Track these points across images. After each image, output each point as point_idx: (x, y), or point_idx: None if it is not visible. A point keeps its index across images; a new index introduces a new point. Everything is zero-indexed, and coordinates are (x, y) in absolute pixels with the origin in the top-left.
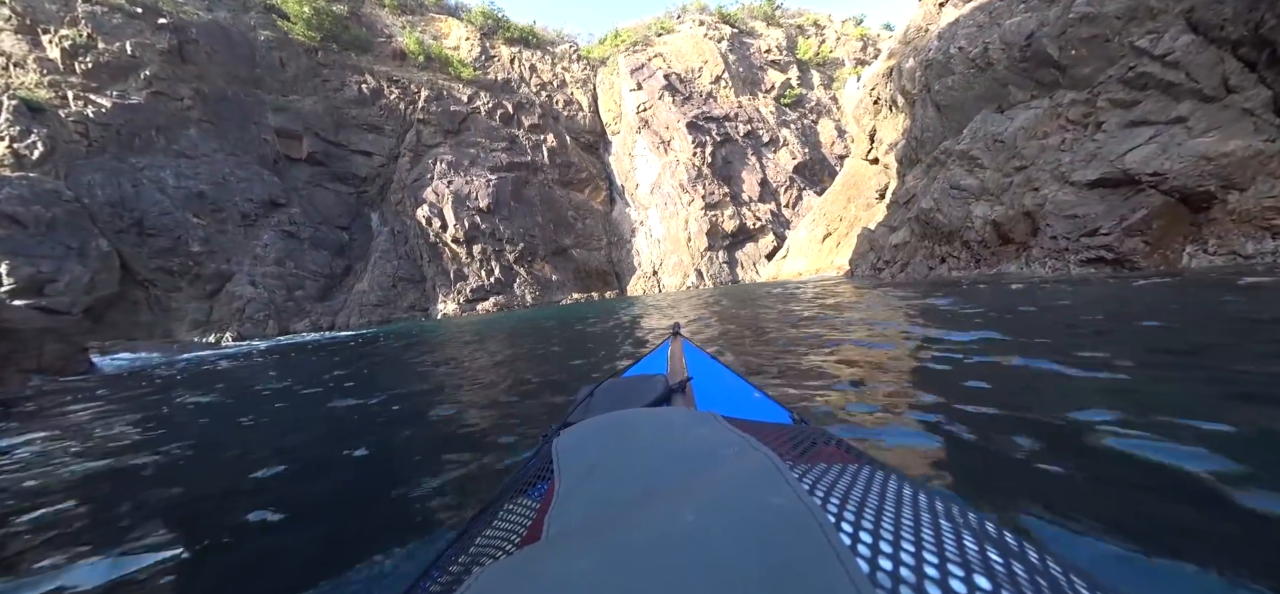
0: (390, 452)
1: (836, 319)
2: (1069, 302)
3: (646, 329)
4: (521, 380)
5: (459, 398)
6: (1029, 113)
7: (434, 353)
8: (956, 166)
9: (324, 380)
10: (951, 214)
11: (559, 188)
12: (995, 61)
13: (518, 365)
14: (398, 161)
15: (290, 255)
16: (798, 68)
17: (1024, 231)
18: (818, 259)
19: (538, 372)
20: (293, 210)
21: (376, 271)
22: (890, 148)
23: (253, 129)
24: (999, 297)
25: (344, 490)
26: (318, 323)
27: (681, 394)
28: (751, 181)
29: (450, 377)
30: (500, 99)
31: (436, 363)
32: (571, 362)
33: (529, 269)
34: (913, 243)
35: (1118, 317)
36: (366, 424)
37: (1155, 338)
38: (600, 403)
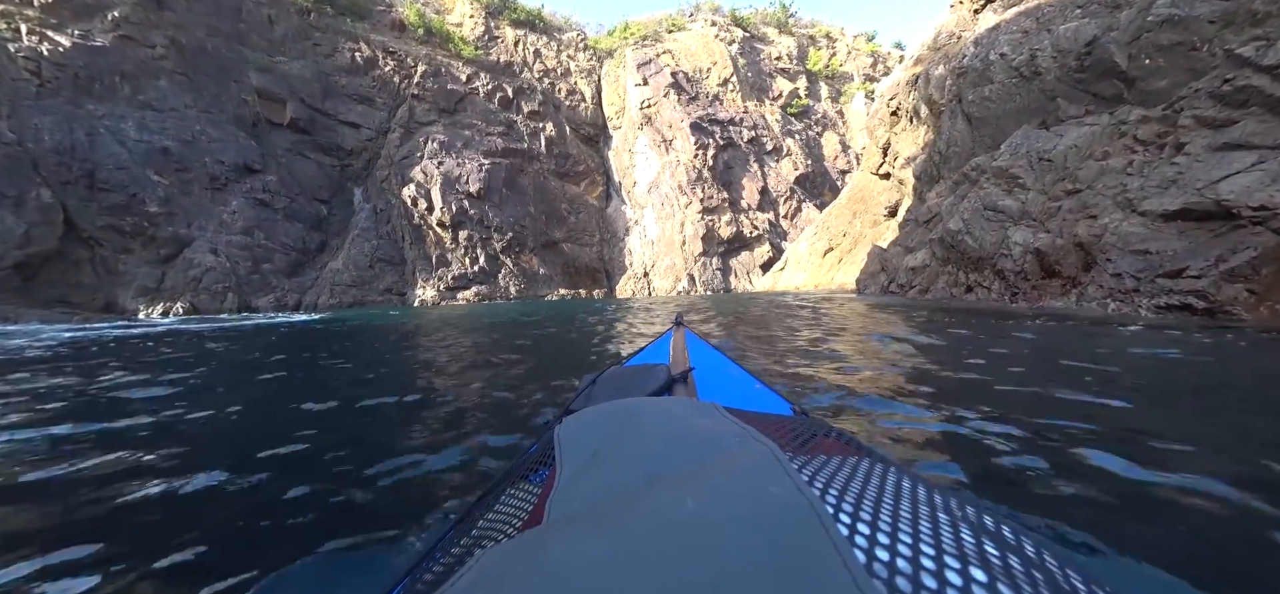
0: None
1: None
2: (1179, 355)
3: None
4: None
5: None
6: (1083, 130)
7: (395, 352)
8: (992, 185)
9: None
10: (984, 238)
11: (554, 178)
12: (1043, 71)
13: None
14: (387, 137)
15: (261, 225)
16: (807, 78)
17: (1074, 264)
18: (818, 274)
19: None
20: (268, 177)
21: (354, 249)
22: (907, 162)
23: (232, 87)
24: (1075, 343)
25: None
26: (283, 300)
27: (683, 384)
28: (752, 189)
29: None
30: (500, 81)
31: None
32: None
33: (516, 260)
34: (933, 266)
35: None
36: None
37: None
38: (603, 391)
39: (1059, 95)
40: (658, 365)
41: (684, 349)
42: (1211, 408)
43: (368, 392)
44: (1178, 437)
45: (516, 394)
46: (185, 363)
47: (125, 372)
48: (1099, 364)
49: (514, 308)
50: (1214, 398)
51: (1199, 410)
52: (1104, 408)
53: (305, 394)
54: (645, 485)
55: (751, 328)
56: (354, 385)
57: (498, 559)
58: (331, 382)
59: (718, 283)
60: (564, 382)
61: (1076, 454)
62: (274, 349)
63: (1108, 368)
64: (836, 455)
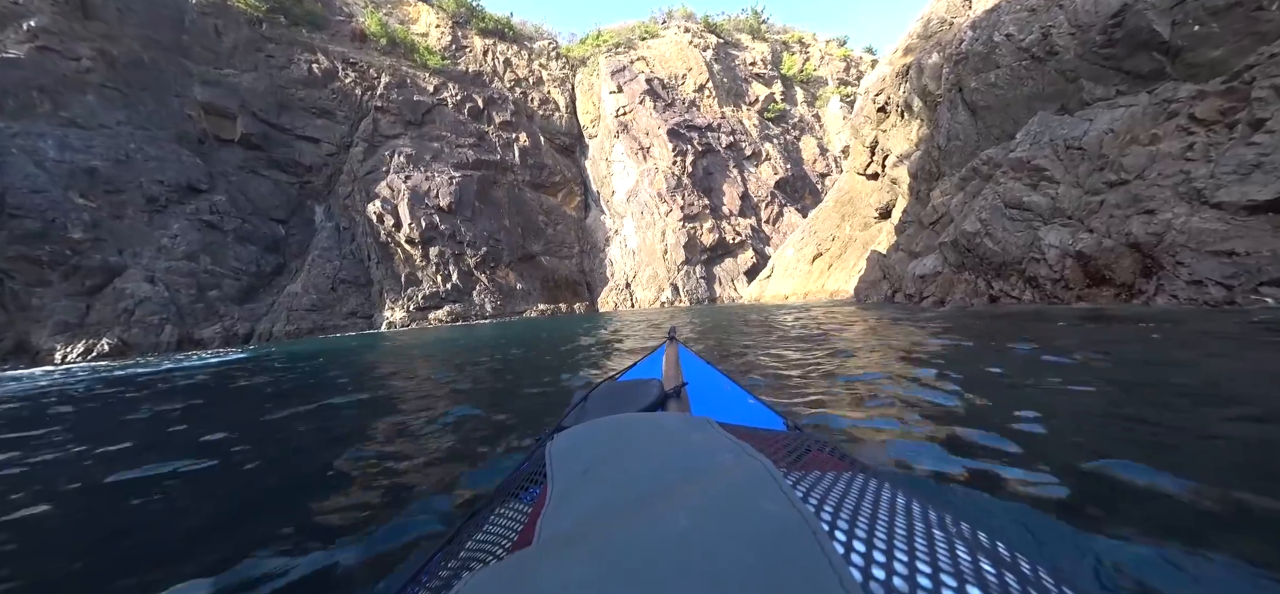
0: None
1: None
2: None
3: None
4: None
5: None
6: (1117, 113)
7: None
8: (1011, 181)
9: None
10: (1008, 240)
11: (530, 190)
12: (1060, 49)
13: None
14: (350, 151)
15: (208, 249)
16: (782, 83)
17: (1130, 269)
18: (806, 282)
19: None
20: (216, 197)
21: (314, 271)
22: (899, 160)
23: (173, 102)
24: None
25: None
26: (232, 329)
27: (676, 399)
28: (732, 194)
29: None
30: (470, 92)
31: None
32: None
33: (491, 276)
34: (947, 273)
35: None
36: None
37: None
38: (595, 407)
39: (1081, 75)
40: (651, 381)
41: (677, 364)
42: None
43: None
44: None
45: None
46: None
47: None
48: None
49: (490, 330)
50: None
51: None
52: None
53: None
54: (638, 503)
55: (763, 356)
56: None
57: (486, 583)
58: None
59: (702, 292)
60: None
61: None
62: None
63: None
64: (831, 471)
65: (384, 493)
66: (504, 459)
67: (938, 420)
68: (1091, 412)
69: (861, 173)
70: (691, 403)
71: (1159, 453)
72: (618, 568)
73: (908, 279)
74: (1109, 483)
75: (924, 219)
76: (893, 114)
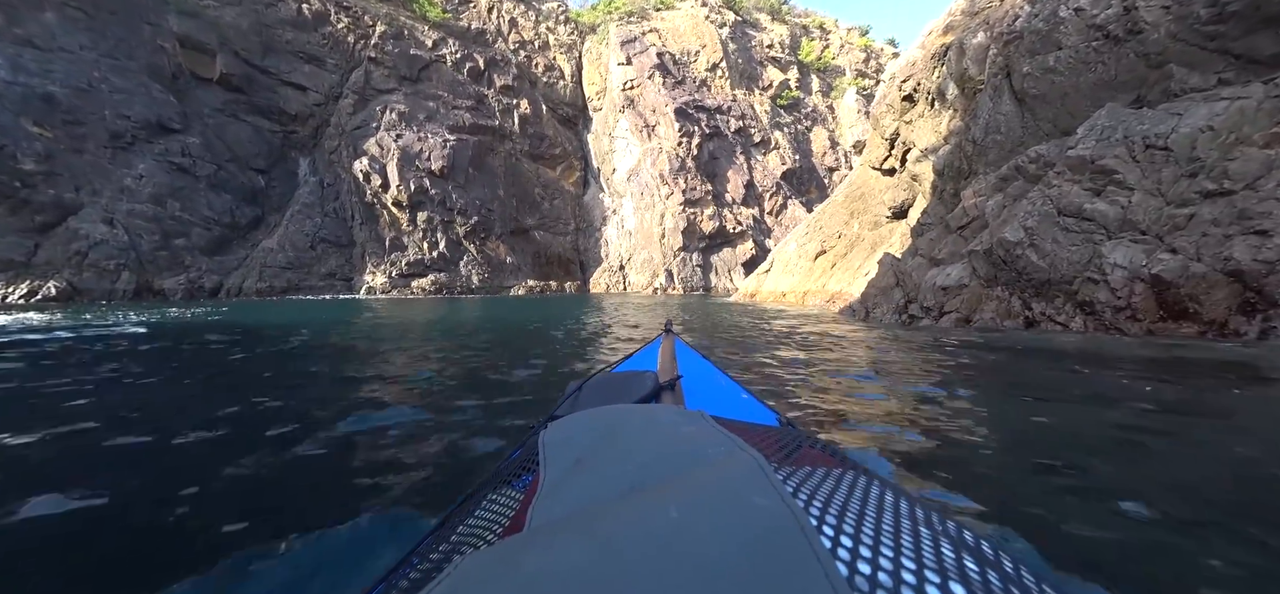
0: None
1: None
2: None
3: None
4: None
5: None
6: (1217, 106)
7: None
8: (1067, 183)
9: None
10: (1059, 255)
11: (528, 161)
12: (1146, 27)
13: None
14: (339, 103)
15: (177, 194)
16: (798, 69)
17: (1224, 302)
18: (807, 280)
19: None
20: (190, 139)
21: (292, 227)
22: (924, 154)
23: (146, 31)
24: None
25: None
26: (198, 281)
27: (671, 392)
28: (737, 182)
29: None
30: (471, 50)
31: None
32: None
33: (480, 247)
34: (975, 286)
35: None
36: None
37: None
38: (589, 398)
39: (1171, 59)
40: (645, 372)
41: (672, 357)
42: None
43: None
44: None
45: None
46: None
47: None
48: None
49: (476, 310)
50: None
51: None
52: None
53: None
54: (628, 493)
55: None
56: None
57: (476, 566)
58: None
59: (697, 280)
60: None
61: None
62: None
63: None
64: (821, 467)
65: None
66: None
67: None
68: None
69: (877, 167)
70: (686, 396)
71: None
72: (606, 556)
73: (926, 289)
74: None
75: (950, 222)
76: (921, 102)
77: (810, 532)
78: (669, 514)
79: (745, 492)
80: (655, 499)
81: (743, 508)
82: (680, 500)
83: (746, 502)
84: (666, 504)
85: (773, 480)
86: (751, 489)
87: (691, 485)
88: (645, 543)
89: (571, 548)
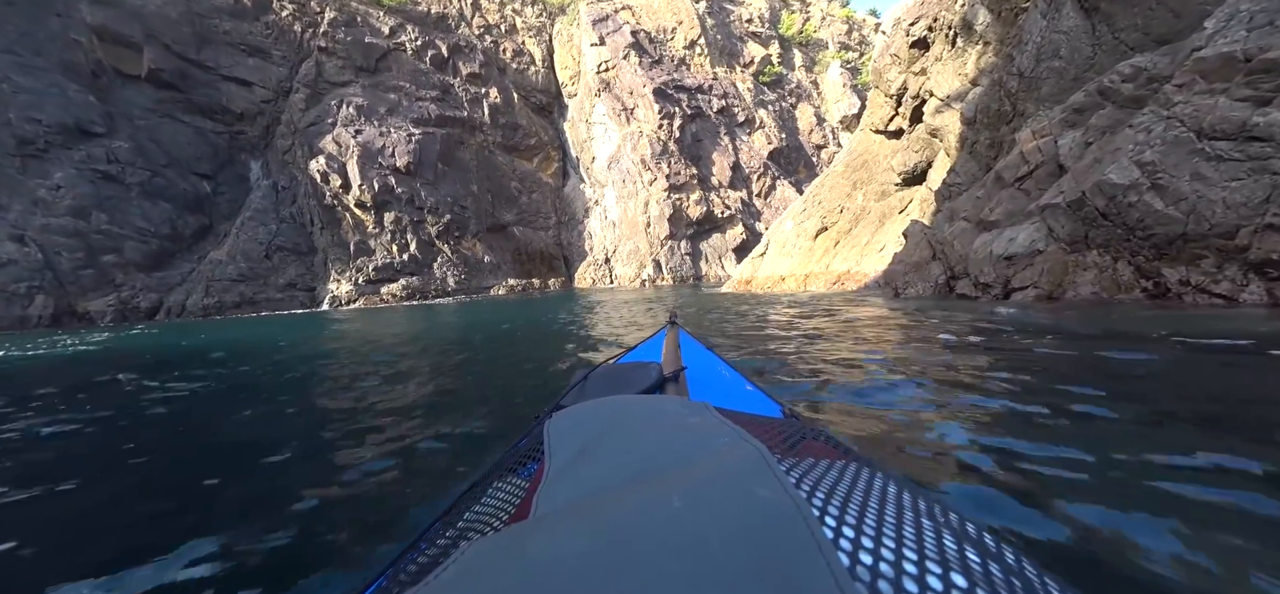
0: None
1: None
2: None
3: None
4: None
5: None
6: None
7: None
8: (1209, 96)
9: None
10: (1207, 196)
11: (502, 153)
12: None
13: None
14: (289, 98)
15: (103, 204)
16: (779, 44)
17: None
18: (808, 262)
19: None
20: (117, 144)
21: (244, 236)
22: (945, 104)
23: (53, 23)
24: None
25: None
26: (133, 301)
27: (675, 383)
28: (722, 164)
29: None
30: (432, 37)
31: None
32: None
33: (455, 247)
34: (1055, 251)
35: None
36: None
37: None
38: (594, 388)
39: None
40: (650, 363)
41: (677, 348)
42: None
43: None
44: None
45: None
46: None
47: None
48: None
49: (454, 315)
50: None
51: None
52: None
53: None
54: (632, 482)
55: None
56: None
57: (482, 553)
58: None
59: (687, 269)
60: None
61: None
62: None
63: None
64: (825, 458)
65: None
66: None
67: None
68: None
69: (881, 130)
70: (690, 387)
71: None
72: (610, 543)
73: (978, 260)
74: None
75: (1004, 174)
76: (937, 43)
77: (813, 522)
78: (672, 503)
79: (748, 482)
80: (659, 488)
81: (746, 498)
82: (684, 490)
83: (749, 492)
84: (670, 493)
85: (776, 471)
86: (755, 479)
87: (695, 475)
88: (649, 531)
89: (576, 536)
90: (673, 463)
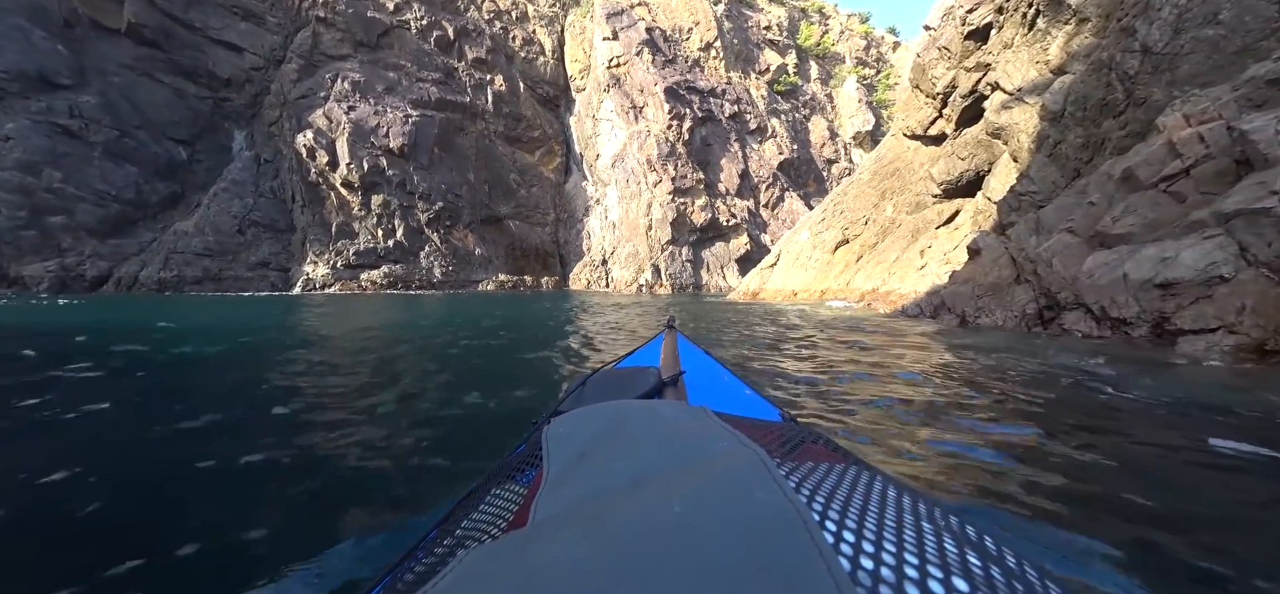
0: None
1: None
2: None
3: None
4: None
5: None
6: None
7: None
8: None
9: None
10: None
11: (503, 143)
12: None
13: None
14: (281, 68)
15: (58, 161)
16: (796, 54)
17: None
18: (824, 277)
19: None
20: (84, 98)
21: (216, 207)
22: (1017, 97)
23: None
24: None
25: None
26: (77, 269)
27: (674, 388)
28: (731, 171)
29: None
30: (438, 17)
31: None
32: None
33: (445, 236)
34: (1255, 279)
35: None
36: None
37: None
38: (593, 393)
39: None
40: (649, 368)
41: (675, 353)
42: None
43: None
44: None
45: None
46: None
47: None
48: None
49: (438, 306)
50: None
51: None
52: None
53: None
54: (631, 488)
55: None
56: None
57: (480, 560)
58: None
59: (687, 277)
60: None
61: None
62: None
63: None
64: (824, 462)
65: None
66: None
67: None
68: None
69: (917, 135)
70: (688, 392)
71: None
72: (610, 550)
73: (1103, 285)
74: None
75: (1139, 173)
76: (1010, 27)
77: (813, 526)
78: (671, 509)
79: (748, 486)
80: (658, 494)
81: (745, 502)
82: (683, 495)
83: (749, 496)
84: (669, 499)
85: (775, 475)
86: (754, 484)
87: (694, 480)
88: (648, 537)
89: (574, 542)
90: (672, 468)
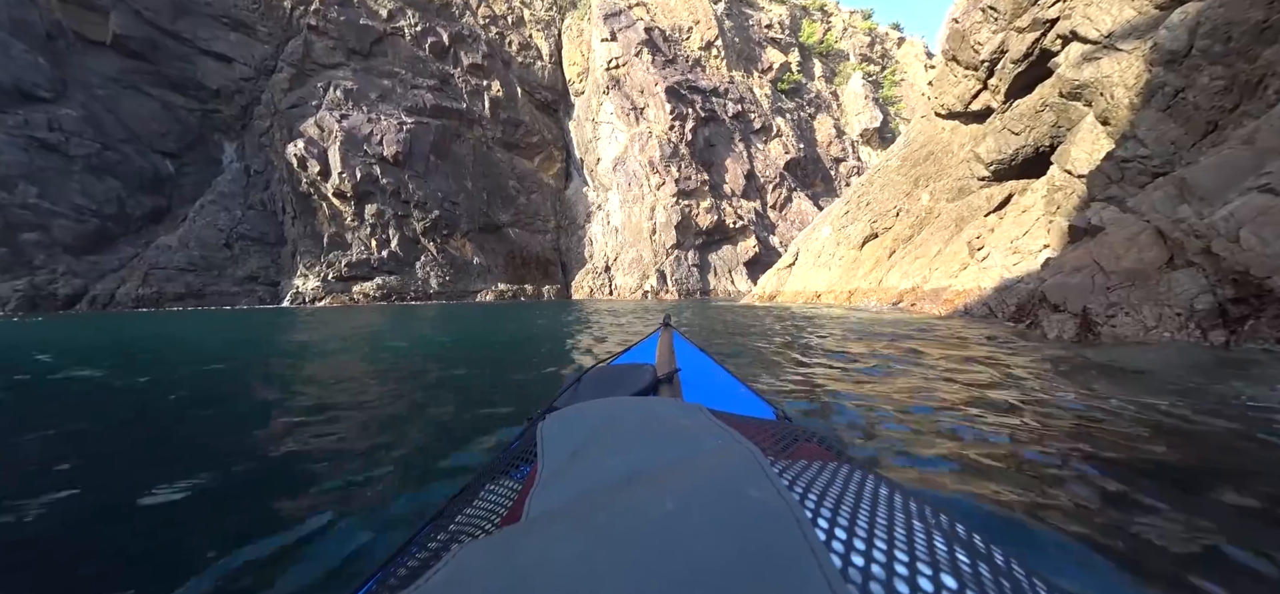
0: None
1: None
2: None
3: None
4: None
5: None
6: None
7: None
8: None
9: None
10: None
11: (501, 150)
12: None
13: None
14: (273, 78)
15: (35, 175)
16: (799, 52)
17: None
18: (852, 275)
19: None
20: (65, 111)
21: (201, 221)
22: (1108, 44)
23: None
24: None
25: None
26: (48, 287)
27: (669, 385)
28: (736, 171)
29: None
30: (433, 23)
31: None
32: None
33: (442, 246)
34: None
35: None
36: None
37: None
38: (588, 390)
39: None
40: (644, 365)
41: (670, 350)
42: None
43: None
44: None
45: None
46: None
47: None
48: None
49: (438, 317)
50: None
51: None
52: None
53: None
54: (625, 484)
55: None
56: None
57: (473, 556)
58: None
59: (693, 282)
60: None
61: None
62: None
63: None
64: (817, 460)
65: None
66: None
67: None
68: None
69: (954, 113)
70: (683, 389)
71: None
72: (602, 545)
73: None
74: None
75: None
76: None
77: (805, 524)
78: (665, 505)
79: (741, 484)
80: (651, 490)
81: (738, 500)
82: (676, 492)
83: (742, 493)
84: (662, 495)
85: (768, 473)
86: (747, 481)
87: (687, 477)
88: (641, 534)
89: (568, 538)
90: (666, 465)
